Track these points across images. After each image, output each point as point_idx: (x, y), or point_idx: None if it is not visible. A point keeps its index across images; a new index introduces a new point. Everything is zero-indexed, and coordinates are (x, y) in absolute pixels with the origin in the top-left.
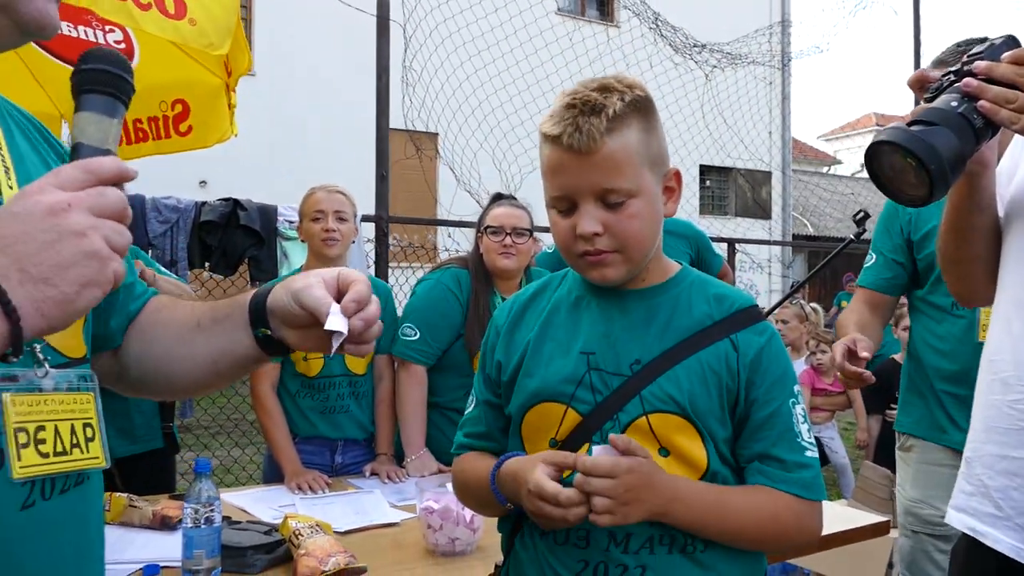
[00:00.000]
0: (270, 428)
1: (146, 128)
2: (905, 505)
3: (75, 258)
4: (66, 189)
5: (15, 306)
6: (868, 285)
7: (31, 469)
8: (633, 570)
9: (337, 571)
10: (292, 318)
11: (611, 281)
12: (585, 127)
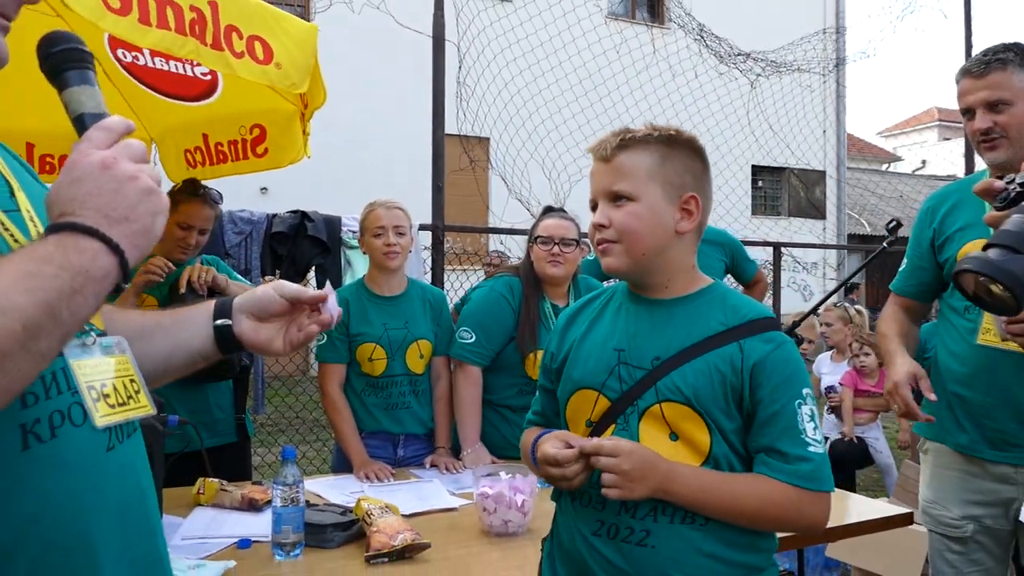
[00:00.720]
0: (339, 423)
1: (226, 150)
2: (922, 505)
3: (138, 196)
4: (101, 148)
5: (116, 241)
6: (898, 291)
7: (107, 418)
8: (638, 532)
9: (405, 546)
10: (268, 307)
11: (614, 269)
12: (606, 142)
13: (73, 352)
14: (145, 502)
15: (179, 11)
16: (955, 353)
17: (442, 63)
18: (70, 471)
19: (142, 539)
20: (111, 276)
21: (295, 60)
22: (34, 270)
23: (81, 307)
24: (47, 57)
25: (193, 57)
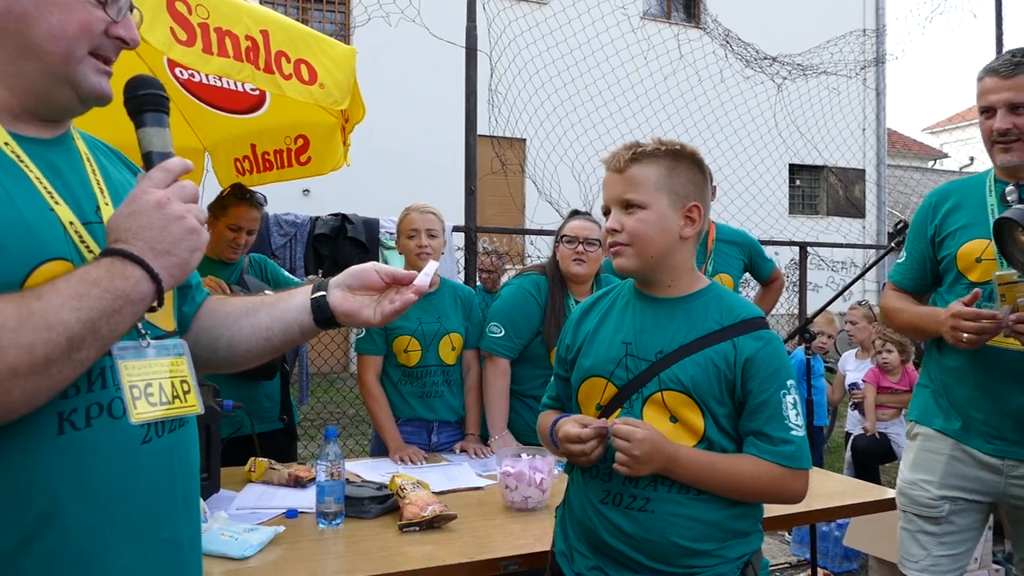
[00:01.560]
0: (376, 410)
1: (272, 159)
2: (900, 486)
3: (182, 234)
4: (159, 188)
5: (156, 271)
6: (897, 283)
7: (145, 415)
8: (640, 499)
9: (434, 516)
10: (365, 280)
11: (625, 270)
12: (618, 155)
13: (123, 353)
14: (176, 492)
15: (236, 40)
16: (948, 347)
17: (474, 72)
18: (99, 458)
19: (169, 525)
20: (147, 300)
21: (337, 80)
22: (83, 292)
23: (119, 324)
24: (132, 98)
25: (249, 80)
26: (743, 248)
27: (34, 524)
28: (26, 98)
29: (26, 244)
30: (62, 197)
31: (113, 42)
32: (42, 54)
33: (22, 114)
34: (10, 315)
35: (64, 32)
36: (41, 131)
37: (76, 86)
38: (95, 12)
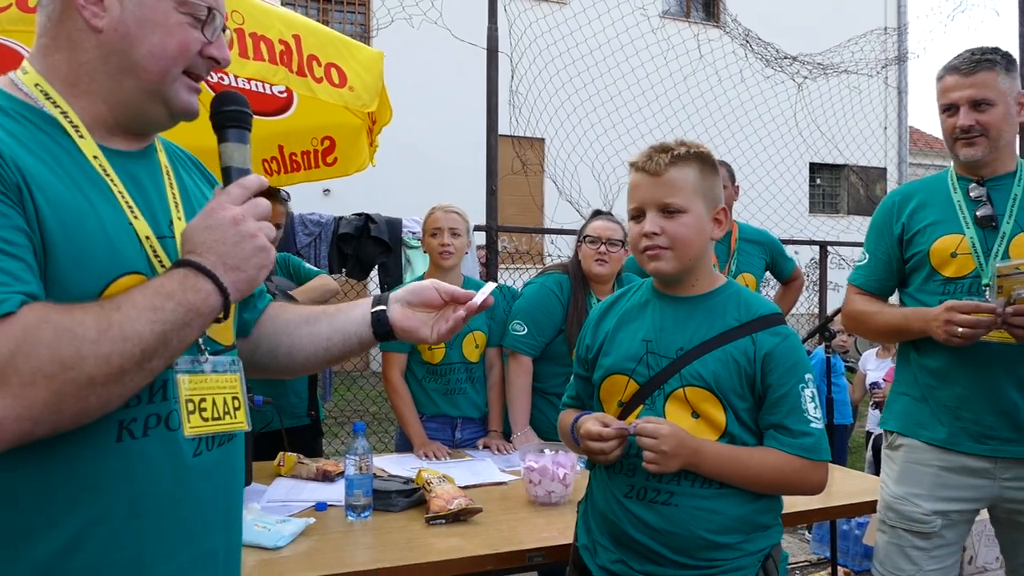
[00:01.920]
0: (400, 407)
1: (299, 160)
2: (887, 500)
3: (253, 251)
4: (235, 204)
5: (225, 286)
6: (860, 285)
7: (197, 429)
8: (663, 494)
9: (460, 509)
10: (424, 297)
11: (663, 273)
12: (656, 158)
13: (182, 367)
14: (218, 504)
15: (270, 44)
16: (927, 346)
17: (495, 73)
18: (152, 467)
19: (209, 537)
20: (215, 313)
21: (366, 83)
22: (158, 304)
23: (188, 336)
24: (217, 112)
25: (283, 83)
26: (765, 247)
27: (85, 526)
28: (121, 112)
29: (106, 258)
30: (141, 211)
31: (206, 61)
32: (140, 72)
33: (115, 127)
34: (91, 326)
35: (163, 52)
36: (129, 144)
37: (168, 102)
38: (193, 33)
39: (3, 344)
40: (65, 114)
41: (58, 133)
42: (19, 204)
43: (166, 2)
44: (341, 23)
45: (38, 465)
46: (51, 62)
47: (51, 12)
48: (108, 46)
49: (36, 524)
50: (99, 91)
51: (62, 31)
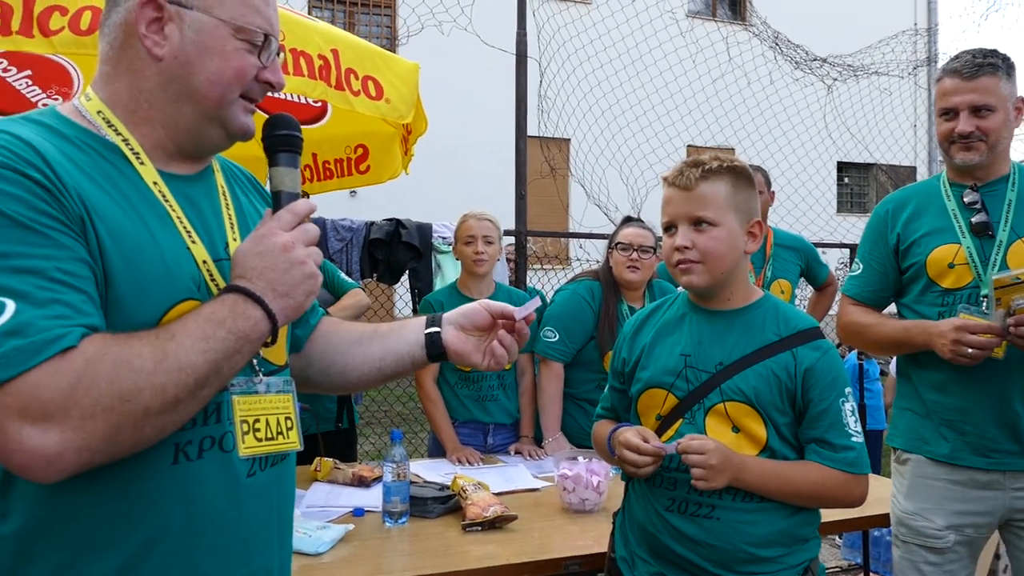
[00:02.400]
0: (433, 412)
1: (332, 168)
2: (898, 516)
3: (302, 279)
4: (285, 230)
5: (274, 312)
6: (854, 296)
7: (251, 449)
8: (705, 507)
9: (495, 516)
10: (475, 320)
11: (695, 286)
12: (687, 173)
13: (238, 388)
14: (271, 523)
15: (309, 60)
16: (929, 361)
17: (524, 79)
18: (208, 488)
19: (262, 556)
20: (263, 339)
21: (402, 95)
22: (210, 333)
23: (238, 363)
24: (269, 136)
25: (322, 97)
26: (800, 253)
27: (143, 546)
28: (180, 138)
29: (165, 286)
30: (198, 235)
31: (261, 86)
32: (199, 98)
33: (174, 152)
34: (148, 357)
35: (221, 78)
36: (187, 167)
37: (226, 125)
38: (249, 59)
39: (64, 378)
40: (126, 141)
41: (119, 160)
42: (82, 236)
43: (224, 29)
44: (368, 25)
45: (98, 488)
46: (112, 89)
47: (113, 40)
48: (168, 73)
49: (97, 544)
50: (159, 117)
51: (123, 59)
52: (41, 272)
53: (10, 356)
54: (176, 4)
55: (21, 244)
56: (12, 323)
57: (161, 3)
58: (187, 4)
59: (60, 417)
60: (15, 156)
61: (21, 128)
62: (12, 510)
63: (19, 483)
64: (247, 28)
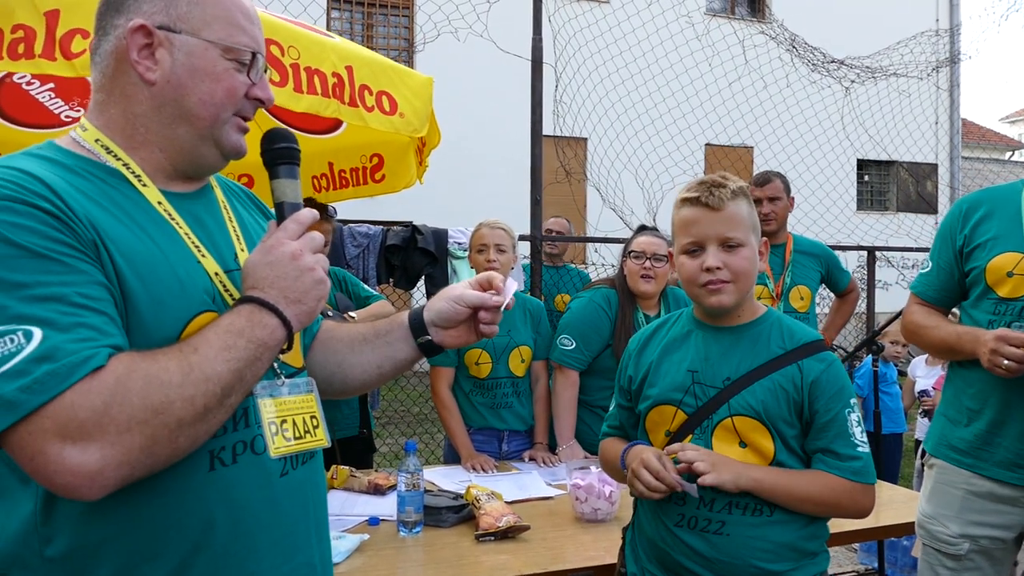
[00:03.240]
0: (448, 420)
1: (348, 177)
2: (919, 519)
3: (312, 285)
4: (292, 239)
5: (288, 319)
6: (920, 294)
7: (282, 449)
8: (715, 523)
9: (508, 527)
10: (455, 317)
11: (725, 305)
12: (717, 192)
13: (262, 392)
14: (309, 519)
15: (323, 78)
16: (971, 367)
17: (540, 85)
18: (245, 490)
19: (304, 551)
20: (280, 345)
21: (416, 109)
22: (231, 343)
23: (259, 370)
24: (268, 150)
25: (335, 115)
26: (820, 259)
27: (190, 552)
28: (177, 158)
29: (181, 301)
30: (207, 249)
31: (252, 102)
32: (193, 119)
33: (173, 173)
34: (175, 371)
35: (213, 98)
36: (187, 186)
37: (220, 145)
38: (239, 77)
39: (98, 397)
40: (127, 165)
41: (122, 184)
42: (97, 260)
43: (213, 51)
44: (386, 26)
45: (139, 501)
46: (108, 117)
47: (105, 68)
48: (161, 97)
49: (146, 555)
50: (155, 140)
51: (116, 86)
52: (63, 298)
53: (44, 380)
54: (165, 29)
55: (40, 273)
56: (41, 349)
57: (151, 29)
58: (176, 28)
59: (98, 434)
60: (24, 189)
61: (25, 163)
62: (57, 533)
63: (61, 506)
64: (235, 48)
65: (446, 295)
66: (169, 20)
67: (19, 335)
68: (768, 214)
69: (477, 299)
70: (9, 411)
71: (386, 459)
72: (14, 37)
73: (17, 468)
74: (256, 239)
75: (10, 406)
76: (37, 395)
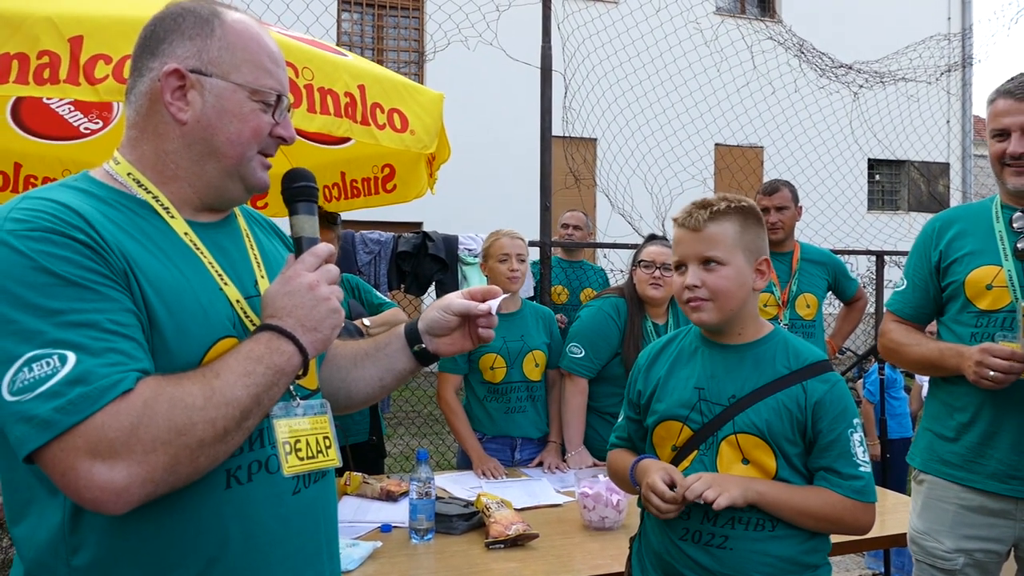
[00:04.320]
0: (456, 424)
1: (360, 187)
2: (911, 535)
3: (327, 314)
4: (309, 271)
5: (304, 346)
6: (897, 312)
7: (295, 468)
8: (719, 537)
9: (518, 535)
10: (444, 326)
11: (706, 323)
12: (696, 214)
13: (278, 413)
14: (320, 535)
15: (336, 97)
16: (958, 381)
17: (549, 92)
18: (259, 507)
19: (314, 566)
20: (296, 371)
21: (426, 126)
22: (250, 369)
23: (276, 395)
24: (288, 188)
25: (347, 134)
26: (827, 268)
27: (206, 565)
28: (204, 192)
29: (203, 327)
30: (229, 277)
31: (275, 141)
32: (221, 157)
33: (200, 206)
34: (198, 395)
35: (240, 138)
36: (212, 216)
37: (245, 180)
38: (264, 118)
39: (126, 418)
40: (156, 198)
41: (152, 215)
42: (127, 288)
43: (240, 93)
44: (396, 28)
45: (161, 516)
46: (140, 152)
47: (139, 107)
48: (191, 136)
49: (166, 566)
50: (184, 175)
51: (149, 124)
52: (95, 325)
53: (77, 402)
54: (197, 72)
55: (75, 301)
56: (75, 372)
57: (184, 72)
58: (207, 72)
59: (125, 453)
60: (62, 221)
61: (61, 194)
62: (84, 543)
63: (87, 518)
64: (261, 91)
65: (437, 305)
66: (201, 64)
67: (55, 358)
68: (775, 223)
69: (463, 307)
70: (44, 430)
71: (396, 461)
72: (40, 63)
73: (47, 482)
74: (275, 265)
75: (46, 425)
76: (70, 415)
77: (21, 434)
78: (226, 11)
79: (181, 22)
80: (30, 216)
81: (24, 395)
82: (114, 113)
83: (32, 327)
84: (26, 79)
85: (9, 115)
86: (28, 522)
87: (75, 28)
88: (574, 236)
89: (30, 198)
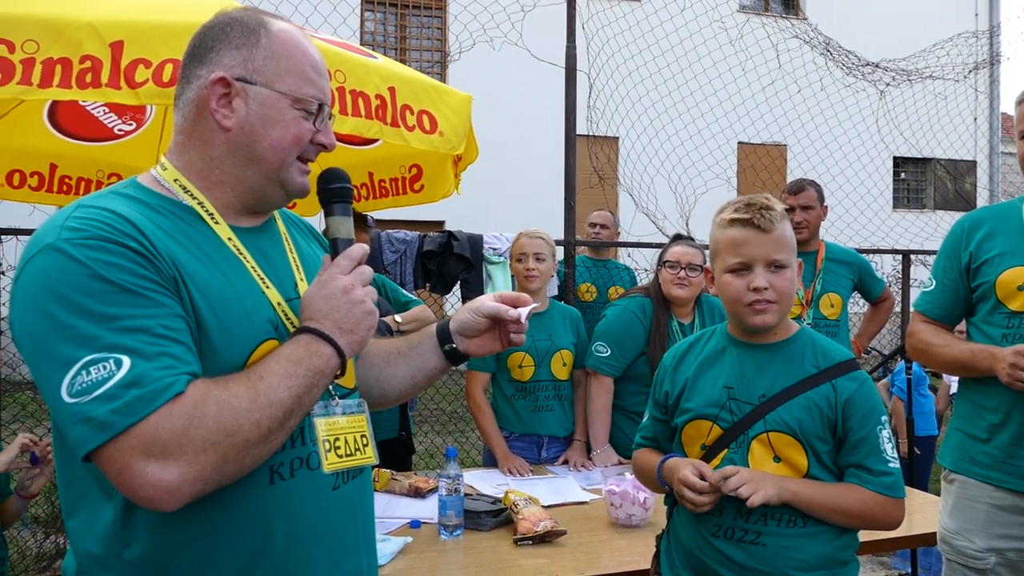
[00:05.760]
0: (483, 422)
1: (388, 187)
2: (941, 534)
3: (363, 316)
4: (344, 274)
5: (342, 348)
6: (925, 312)
7: (334, 465)
8: (751, 533)
9: (545, 531)
10: (474, 327)
11: (769, 325)
12: (767, 215)
13: (318, 412)
14: (358, 529)
15: (367, 100)
16: (989, 382)
17: (574, 92)
18: (301, 503)
19: (352, 559)
20: (334, 372)
21: (455, 127)
22: (292, 371)
23: (315, 395)
24: (324, 190)
25: (377, 136)
26: (853, 267)
27: (251, 558)
28: (246, 197)
29: (247, 330)
30: (271, 280)
31: (315, 147)
32: (263, 162)
33: (242, 210)
34: (243, 397)
35: (282, 144)
36: (253, 220)
37: (285, 185)
38: (305, 125)
39: (178, 420)
40: (201, 204)
41: (197, 221)
42: (176, 294)
43: (283, 101)
44: (419, 27)
45: (208, 512)
46: (187, 158)
47: (187, 114)
48: (235, 142)
49: (213, 558)
50: (228, 181)
51: (196, 130)
52: (148, 330)
53: (132, 404)
54: (242, 81)
55: (129, 307)
56: (130, 376)
57: (230, 80)
58: (252, 80)
59: (177, 453)
60: (115, 230)
61: (113, 203)
62: (135, 537)
63: (139, 514)
64: (304, 99)
65: (468, 307)
66: (246, 72)
67: (110, 363)
68: (801, 222)
69: (493, 310)
70: (102, 431)
71: (421, 459)
72: (82, 67)
73: (102, 479)
74: (313, 267)
75: (103, 426)
76: (126, 417)
77: (80, 434)
78: (272, 21)
79: (229, 31)
80: (85, 224)
81: (82, 397)
82: (147, 115)
83: (89, 332)
84: (69, 83)
85: (46, 117)
86: (81, 516)
87: (116, 33)
88: (601, 235)
89: (84, 206)
